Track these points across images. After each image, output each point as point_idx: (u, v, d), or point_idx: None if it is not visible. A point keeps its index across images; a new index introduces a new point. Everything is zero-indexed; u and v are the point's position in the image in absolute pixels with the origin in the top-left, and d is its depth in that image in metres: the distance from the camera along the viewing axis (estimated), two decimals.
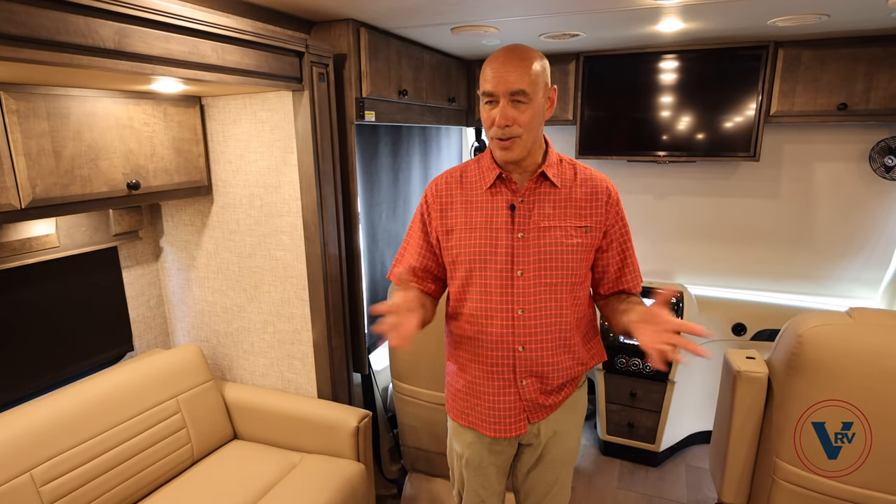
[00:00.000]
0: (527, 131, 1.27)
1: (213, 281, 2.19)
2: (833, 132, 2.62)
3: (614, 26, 2.16)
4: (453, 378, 1.51)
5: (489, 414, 1.42)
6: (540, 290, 1.33)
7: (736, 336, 2.63)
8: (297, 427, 2.00)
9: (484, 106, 1.28)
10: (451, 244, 1.39)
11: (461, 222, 1.38)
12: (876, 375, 1.39)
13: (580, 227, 1.34)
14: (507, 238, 1.33)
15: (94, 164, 1.61)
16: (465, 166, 1.45)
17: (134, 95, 1.73)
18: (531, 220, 1.32)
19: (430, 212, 1.43)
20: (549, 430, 1.45)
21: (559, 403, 1.43)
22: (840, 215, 2.70)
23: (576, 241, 1.33)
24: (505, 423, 1.41)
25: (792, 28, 2.13)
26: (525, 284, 1.32)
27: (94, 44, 1.21)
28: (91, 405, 1.69)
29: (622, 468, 2.65)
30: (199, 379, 2.02)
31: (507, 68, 1.23)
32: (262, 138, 1.94)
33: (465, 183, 1.41)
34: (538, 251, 1.32)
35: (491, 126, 1.27)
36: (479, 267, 1.35)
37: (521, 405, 1.40)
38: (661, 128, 2.63)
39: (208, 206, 2.12)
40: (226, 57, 1.53)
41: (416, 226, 1.48)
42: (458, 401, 1.49)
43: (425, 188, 1.49)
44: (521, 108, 1.24)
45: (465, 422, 1.48)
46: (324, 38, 1.97)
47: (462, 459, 1.52)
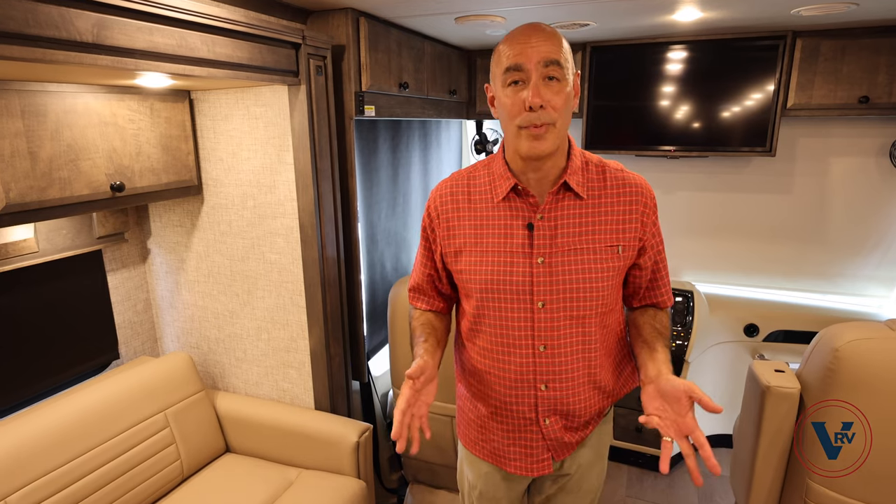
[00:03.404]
0: (561, 118, 1.05)
1: (204, 285, 2.08)
2: (851, 126, 2.53)
3: (628, 16, 2.04)
4: (466, 405, 1.35)
5: (507, 450, 1.28)
6: (565, 325, 1.14)
7: (748, 337, 2.56)
8: (293, 441, 1.90)
9: (506, 90, 1.06)
10: (460, 268, 1.20)
11: (470, 243, 1.18)
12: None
13: (611, 247, 1.13)
14: (525, 264, 1.13)
15: (75, 166, 1.49)
16: (473, 171, 1.23)
17: (117, 90, 1.60)
18: (553, 243, 1.13)
19: (434, 228, 1.24)
20: (573, 465, 1.31)
21: (584, 439, 1.28)
22: (856, 211, 2.61)
23: (606, 266, 1.13)
24: (526, 461, 1.27)
25: (814, 17, 2.03)
26: (547, 318, 1.14)
27: (70, 37, 1.09)
28: (72, 422, 1.58)
29: (630, 474, 2.58)
30: (189, 390, 1.92)
31: (538, 39, 1.03)
32: (255, 135, 1.82)
33: (472, 193, 1.20)
34: (562, 279, 1.12)
35: (519, 113, 1.04)
36: (493, 297, 1.16)
37: (544, 444, 1.24)
38: (672, 121, 2.52)
39: (198, 206, 2.00)
40: (216, 50, 1.41)
41: (421, 240, 1.30)
42: (473, 431, 1.34)
43: (428, 197, 1.31)
44: (556, 88, 1.03)
45: (481, 454, 1.33)
46: (320, 28, 1.84)
47: (475, 491, 1.39)
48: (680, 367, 2.45)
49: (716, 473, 0.92)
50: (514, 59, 1.04)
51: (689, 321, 2.48)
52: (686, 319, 2.49)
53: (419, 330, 1.25)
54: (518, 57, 1.03)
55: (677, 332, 2.48)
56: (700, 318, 2.49)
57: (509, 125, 1.09)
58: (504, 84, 1.07)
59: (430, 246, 1.27)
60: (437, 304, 1.33)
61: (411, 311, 1.36)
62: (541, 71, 1.03)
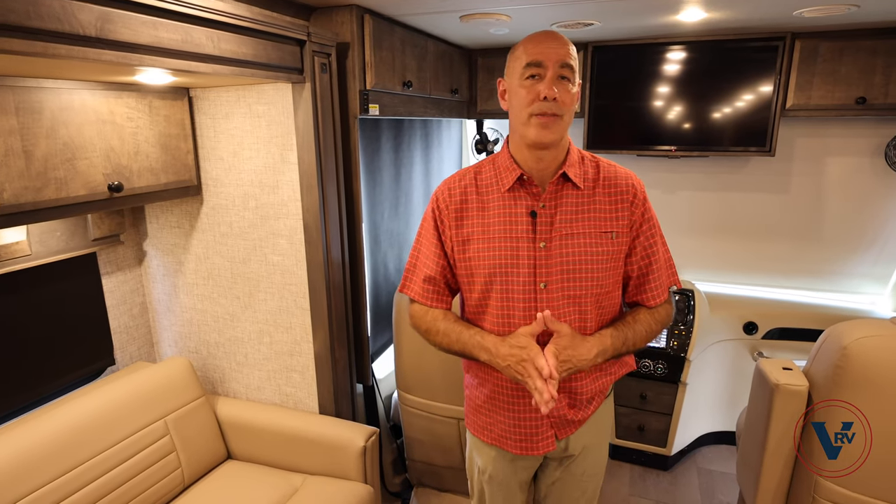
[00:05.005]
0: (567, 113, 1.19)
1: (203, 287, 2.02)
2: (847, 126, 2.55)
3: (633, 15, 2.03)
4: (473, 392, 1.42)
5: (514, 431, 1.34)
6: (564, 304, 1.24)
7: (747, 335, 2.57)
8: (298, 446, 1.86)
9: (524, 82, 1.18)
10: (468, 255, 1.28)
11: (478, 231, 1.27)
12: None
13: (606, 232, 1.24)
14: (529, 248, 1.23)
15: (71, 165, 1.44)
16: (479, 167, 1.33)
17: (115, 87, 1.55)
18: (553, 228, 1.23)
19: (444, 219, 1.31)
20: (577, 446, 1.37)
21: (587, 417, 1.35)
22: (851, 210, 2.64)
23: (601, 250, 1.24)
24: (531, 440, 1.33)
25: (815, 19, 2.04)
26: (549, 297, 1.23)
27: (73, 30, 1.04)
28: (68, 432, 1.53)
29: (633, 473, 2.58)
30: (189, 396, 1.86)
31: (557, 43, 1.18)
32: (257, 134, 1.78)
33: (480, 186, 1.30)
34: (561, 261, 1.23)
35: (533, 101, 1.17)
36: (499, 280, 1.25)
37: (548, 421, 1.32)
38: (673, 121, 2.52)
39: (197, 207, 1.95)
40: (222, 46, 1.36)
41: (428, 233, 1.34)
42: (481, 416, 1.40)
43: (434, 191, 1.36)
44: (566, 87, 1.17)
45: (489, 439, 1.40)
46: (323, 25, 1.80)
47: (485, 475, 1.45)
48: (682, 365, 2.45)
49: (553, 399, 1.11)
50: (536, 57, 1.17)
51: (691, 320, 2.49)
52: (687, 318, 2.50)
53: (458, 326, 1.30)
54: (539, 55, 1.17)
55: (679, 331, 2.48)
56: (701, 317, 2.50)
57: (521, 113, 1.20)
58: (522, 77, 1.19)
59: (439, 236, 1.32)
60: (447, 301, 1.38)
61: (426, 311, 1.35)
62: (556, 70, 1.16)
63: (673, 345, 2.47)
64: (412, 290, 1.37)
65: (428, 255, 1.34)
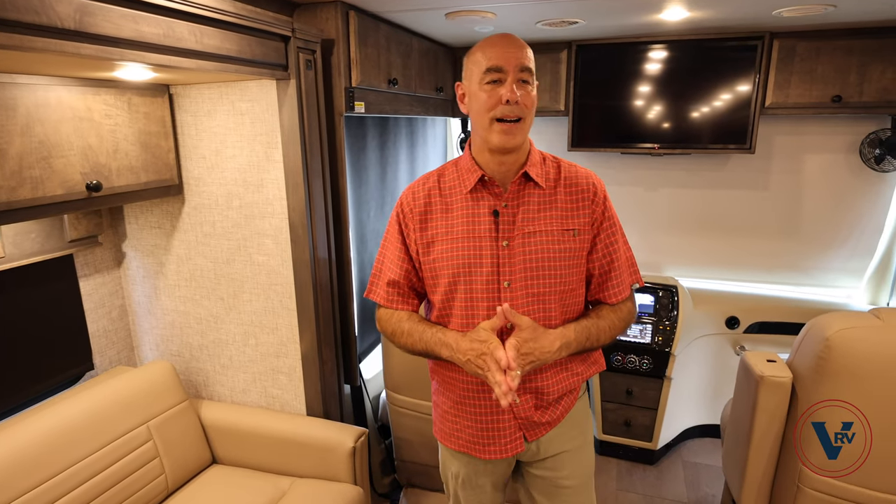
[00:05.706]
0: (529, 115, 1.21)
1: (185, 289, 1.98)
2: (823, 124, 2.62)
3: (616, 14, 2.05)
4: (440, 398, 1.40)
5: (481, 435, 1.32)
6: (528, 302, 1.23)
7: (729, 329, 2.61)
8: (285, 449, 1.83)
9: (484, 87, 1.18)
10: (432, 256, 1.28)
11: (442, 232, 1.27)
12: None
13: (567, 230, 1.24)
14: (492, 248, 1.23)
15: (47, 164, 1.39)
16: (442, 170, 1.34)
17: (93, 83, 1.51)
18: (515, 227, 1.23)
19: (408, 223, 1.31)
20: (550, 449, 1.34)
21: (558, 419, 1.32)
22: (828, 206, 2.71)
23: (563, 247, 1.24)
24: (498, 442, 1.31)
25: (793, 18, 2.08)
26: (513, 296, 1.22)
27: (51, 23, 1.01)
28: (47, 439, 1.48)
29: (619, 467, 2.60)
30: (171, 400, 1.82)
31: (515, 47, 1.18)
32: (241, 132, 1.74)
33: (443, 188, 1.30)
34: (524, 258, 1.22)
35: (495, 106, 1.17)
36: (463, 280, 1.25)
37: (515, 423, 1.30)
38: (655, 119, 2.55)
39: (179, 206, 1.90)
40: (205, 41, 1.33)
41: (392, 237, 1.34)
42: (447, 423, 1.38)
43: (399, 196, 1.36)
44: (527, 90, 1.19)
45: (456, 446, 1.37)
46: (307, 22, 1.78)
47: (458, 479, 1.43)
48: (666, 360, 2.48)
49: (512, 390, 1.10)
50: (496, 61, 1.17)
51: (675, 315, 2.52)
52: (671, 314, 2.53)
53: (421, 325, 1.29)
54: (499, 60, 1.17)
55: (664, 327, 2.51)
56: (684, 313, 2.53)
57: (483, 118, 1.20)
58: (482, 82, 1.19)
59: (404, 240, 1.32)
60: (413, 304, 1.36)
61: (391, 313, 1.35)
62: (516, 74, 1.17)
63: (658, 340, 2.50)
64: (377, 295, 1.36)
65: (392, 259, 1.33)
